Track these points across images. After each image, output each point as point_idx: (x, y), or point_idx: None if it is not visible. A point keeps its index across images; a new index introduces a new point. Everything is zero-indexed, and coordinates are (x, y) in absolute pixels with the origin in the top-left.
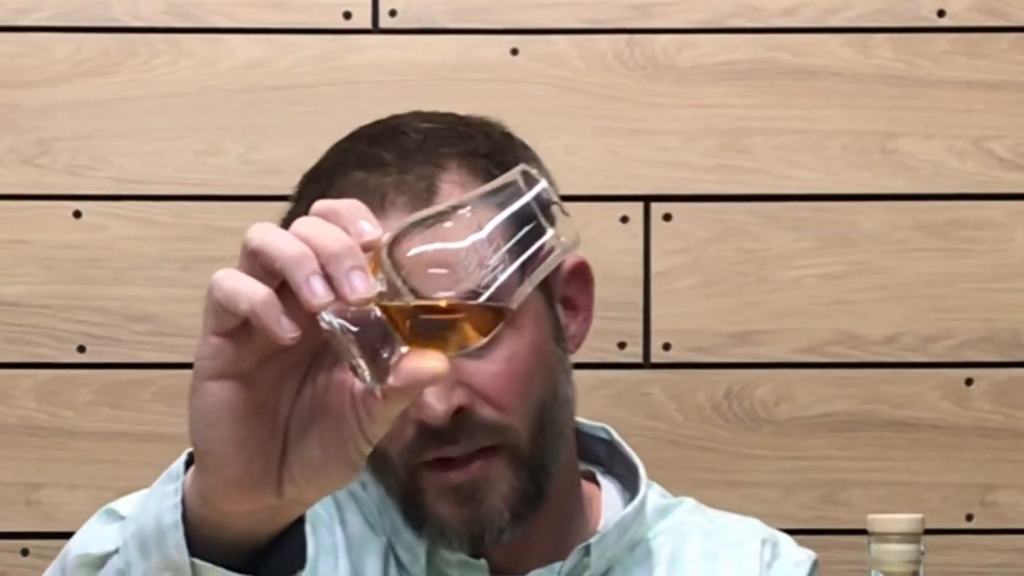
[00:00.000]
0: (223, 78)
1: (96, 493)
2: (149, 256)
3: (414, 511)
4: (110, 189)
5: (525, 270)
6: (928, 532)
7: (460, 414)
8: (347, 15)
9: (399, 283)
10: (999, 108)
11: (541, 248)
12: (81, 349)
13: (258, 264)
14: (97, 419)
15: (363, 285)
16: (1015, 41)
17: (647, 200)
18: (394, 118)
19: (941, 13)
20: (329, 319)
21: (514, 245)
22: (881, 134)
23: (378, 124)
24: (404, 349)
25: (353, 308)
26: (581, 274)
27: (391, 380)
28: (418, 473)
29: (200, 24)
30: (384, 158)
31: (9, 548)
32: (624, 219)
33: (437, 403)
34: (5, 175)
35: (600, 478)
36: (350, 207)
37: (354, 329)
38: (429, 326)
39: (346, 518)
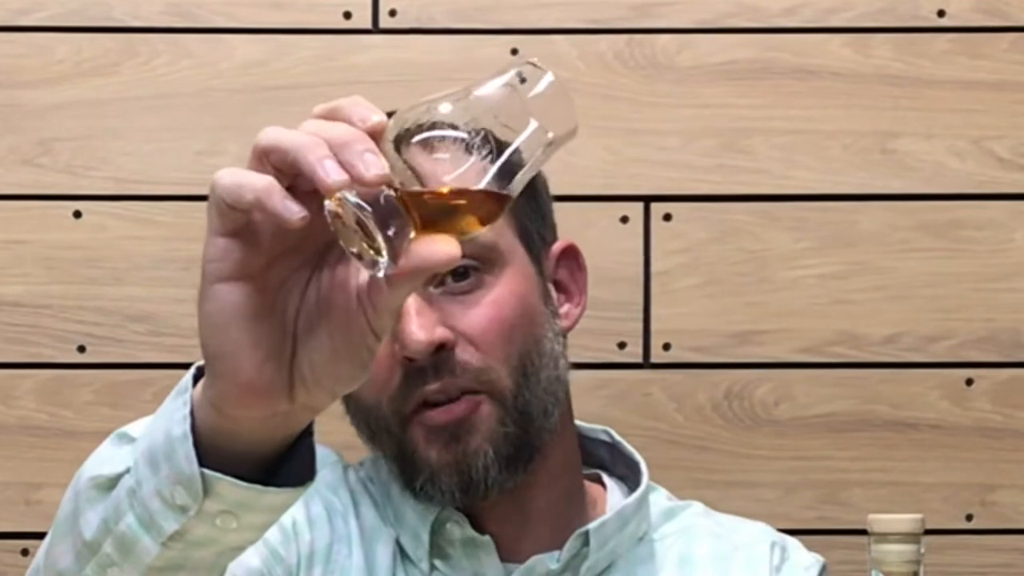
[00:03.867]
0: (223, 78)
1: None
2: (149, 256)
3: (408, 465)
4: (110, 189)
5: (522, 159)
6: (928, 532)
7: (442, 352)
8: (347, 15)
9: (403, 168)
10: (999, 108)
11: (538, 139)
12: (81, 349)
13: (269, 162)
14: (97, 419)
15: (376, 164)
16: (1015, 41)
17: (647, 200)
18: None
19: (941, 13)
20: (343, 196)
21: (512, 134)
22: (881, 134)
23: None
24: (413, 234)
25: (363, 191)
26: (570, 256)
27: (402, 262)
28: (408, 424)
29: (200, 24)
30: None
31: (9, 548)
32: (624, 219)
33: (419, 333)
34: (5, 175)
35: (605, 479)
36: (350, 101)
37: (368, 209)
38: (436, 212)
39: (360, 509)
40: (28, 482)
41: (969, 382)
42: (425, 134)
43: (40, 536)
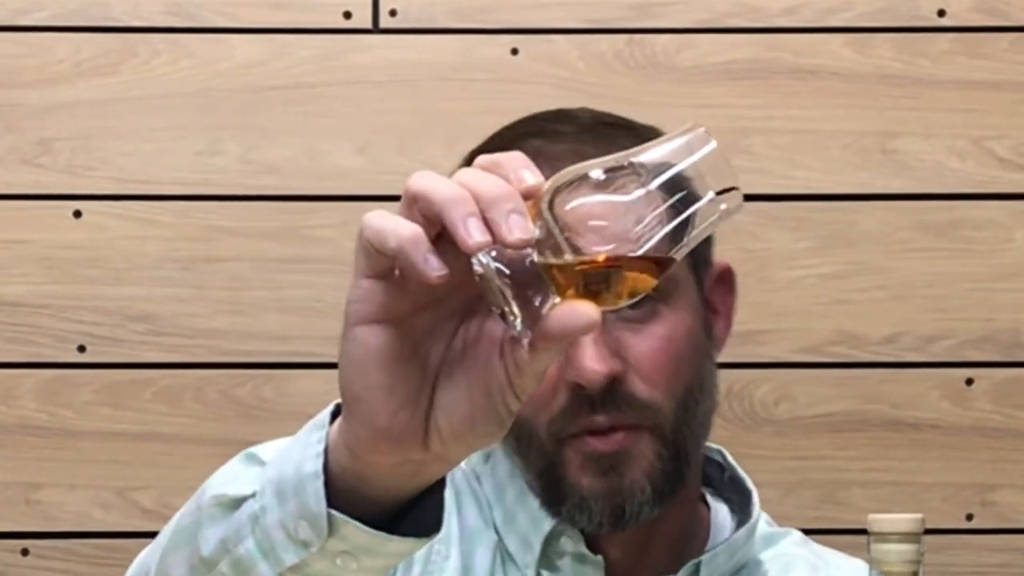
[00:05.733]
0: (223, 78)
1: (96, 493)
2: (149, 256)
3: (555, 485)
4: (110, 189)
5: (684, 230)
6: (928, 532)
7: (613, 384)
8: (347, 15)
9: (557, 233)
10: (999, 108)
11: (702, 209)
12: (81, 349)
13: (417, 209)
14: (97, 419)
15: (521, 227)
16: (1015, 41)
17: None
18: (564, 108)
19: (941, 13)
20: (485, 260)
21: (677, 203)
22: (881, 134)
23: (550, 111)
24: (557, 300)
25: (509, 252)
26: (726, 280)
27: (542, 327)
28: (563, 445)
29: (200, 24)
30: (562, 130)
31: (9, 548)
32: None
33: (596, 365)
34: (5, 175)
35: (710, 500)
36: (511, 157)
37: (508, 272)
38: (584, 280)
39: (463, 510)
40: (28, 482)
41: (969, 382)
42: (581, 199)
43: (40, 536)
